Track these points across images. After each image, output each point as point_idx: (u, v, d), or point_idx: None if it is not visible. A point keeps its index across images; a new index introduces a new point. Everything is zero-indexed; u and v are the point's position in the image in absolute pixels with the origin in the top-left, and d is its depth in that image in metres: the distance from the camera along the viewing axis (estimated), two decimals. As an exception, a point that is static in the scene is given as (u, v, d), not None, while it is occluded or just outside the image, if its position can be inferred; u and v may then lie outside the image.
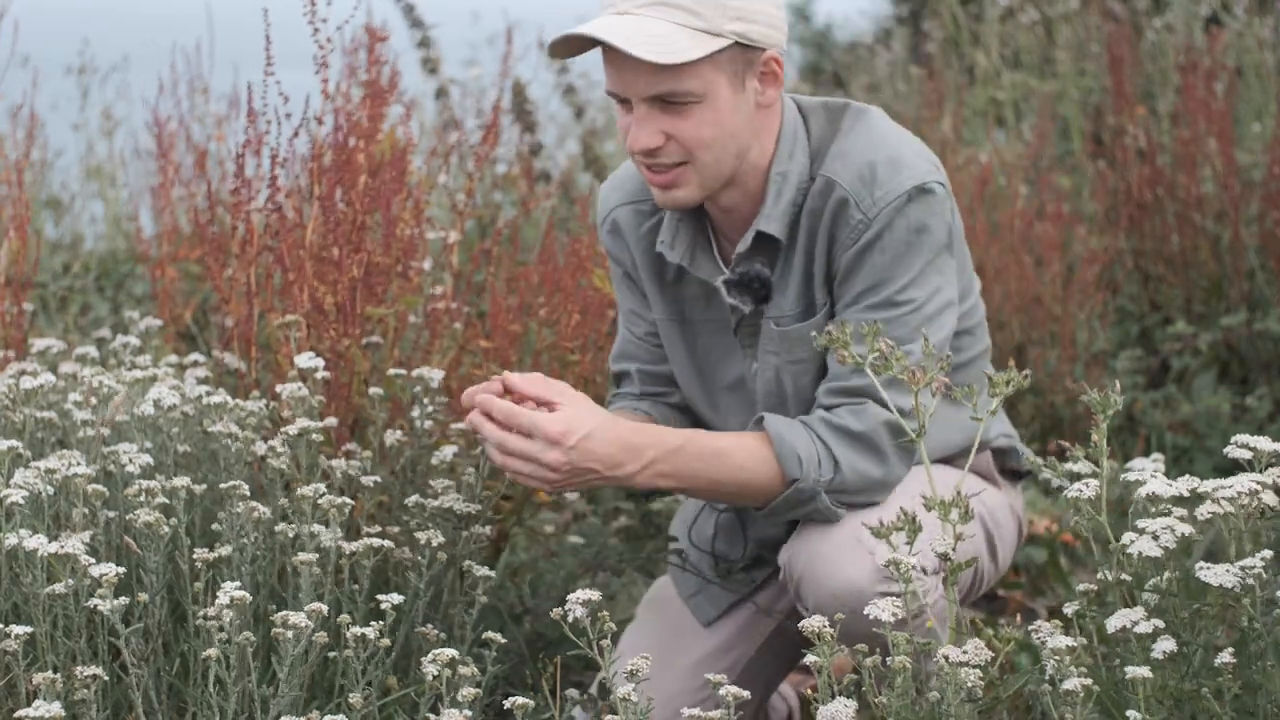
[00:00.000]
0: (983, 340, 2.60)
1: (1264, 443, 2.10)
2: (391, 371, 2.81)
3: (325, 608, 2.19)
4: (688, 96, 2.31)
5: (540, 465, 2.29)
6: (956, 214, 2.48)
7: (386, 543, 2.42)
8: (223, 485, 2.40)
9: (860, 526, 2.28)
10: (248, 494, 2.37)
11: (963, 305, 2.53)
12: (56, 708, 1.91)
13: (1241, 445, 2.11)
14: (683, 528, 2.78)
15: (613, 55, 2.31)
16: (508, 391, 2.35)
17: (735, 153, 2.38)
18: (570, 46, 2.35)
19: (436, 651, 2.10)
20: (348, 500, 2.43)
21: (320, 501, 2.41)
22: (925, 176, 2.39)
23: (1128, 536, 2.03)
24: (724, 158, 2.38)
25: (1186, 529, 2.02)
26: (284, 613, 2.15)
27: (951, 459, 2.56)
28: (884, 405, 2.32)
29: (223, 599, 2.14)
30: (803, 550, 2.39)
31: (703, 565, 2.72)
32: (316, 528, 2.40)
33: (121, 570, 2.16)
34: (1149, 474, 2.14)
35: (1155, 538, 2.01)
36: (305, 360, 2.64)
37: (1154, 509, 2.08)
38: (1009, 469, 2.67)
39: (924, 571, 2.27)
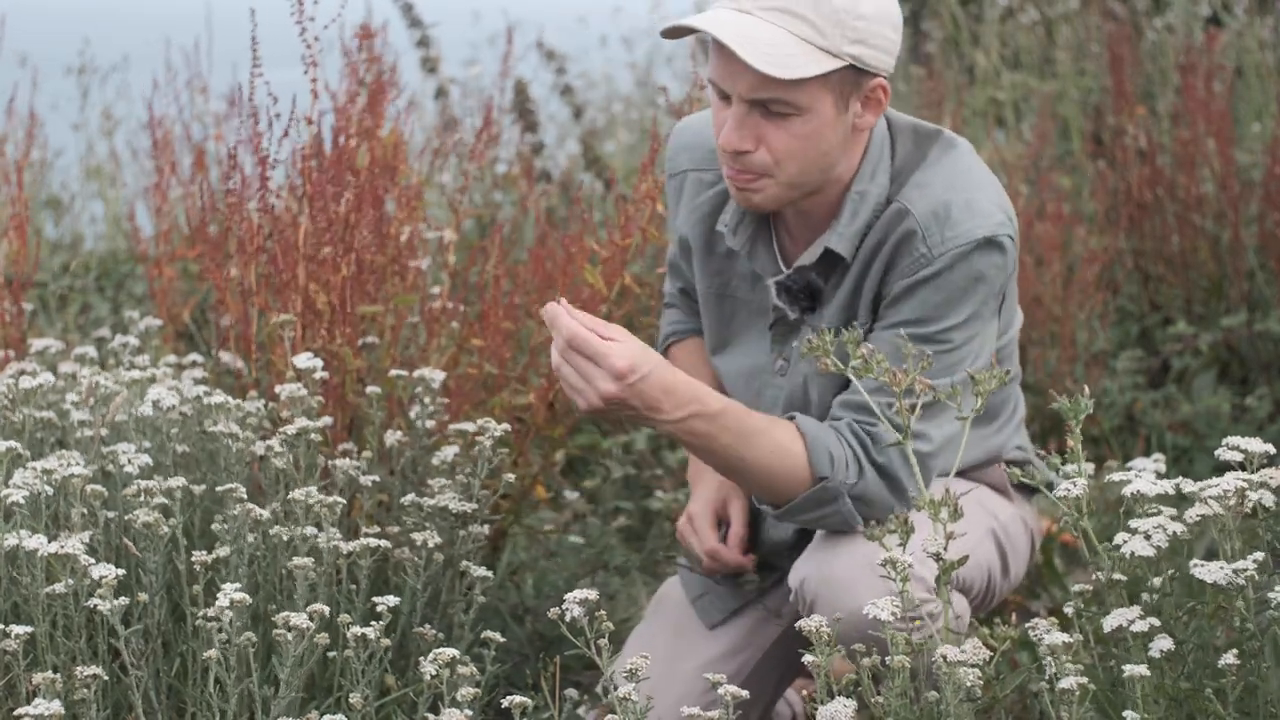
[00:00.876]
0: (1010, 364, 2.58)
1: (1255, 444, 2.10)
2: (393, 372, 2.82)
3: (326, 609, 2.20)
4: (790, 108, 2.29)
5: (592, 389, 2.25)
6: (1017, 262, 2.46)
7: (384, 543, 2.42)
8: (220, 488, 2.40)
9: (871, 551, 2.29)
10: (244, 496, 2.38)
11: (1001, 338, 2.52)
12: (56, 706, 1.92)
13: (1233, 447, 2.11)
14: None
15: (725, 50, 2.28)
16: None
17: (821, 169, 2.37)
18: (684, 31, 2.34)
19: (437, 651, 2.10)
20: (339, 500, 2.43)
21: (311, 504, 2.41)
22: (997, 229, 2.37)
23: (1120, 536, 2.04)
24: (809, 173, 2.36)
25: (1178, 528, 2.02)
26: (285, 614, 2.15)
27: (970, 474, 2.56)
28: (895, 427, 2.32)
29: (223, 601, 2.14)
30: (815, 574, 2.37)
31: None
32: (310, 530, 2.40)
33: (121, 572, 2.17)
34: (1134, 474, 2.14)
35: (1147, 537, 2.01)
36: (304, 360, 2.64)
37: (1140, 509, 2.08)
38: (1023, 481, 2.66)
39: (933, 593, 2.27)
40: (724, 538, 2.62)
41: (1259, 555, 1.97)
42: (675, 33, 2.35)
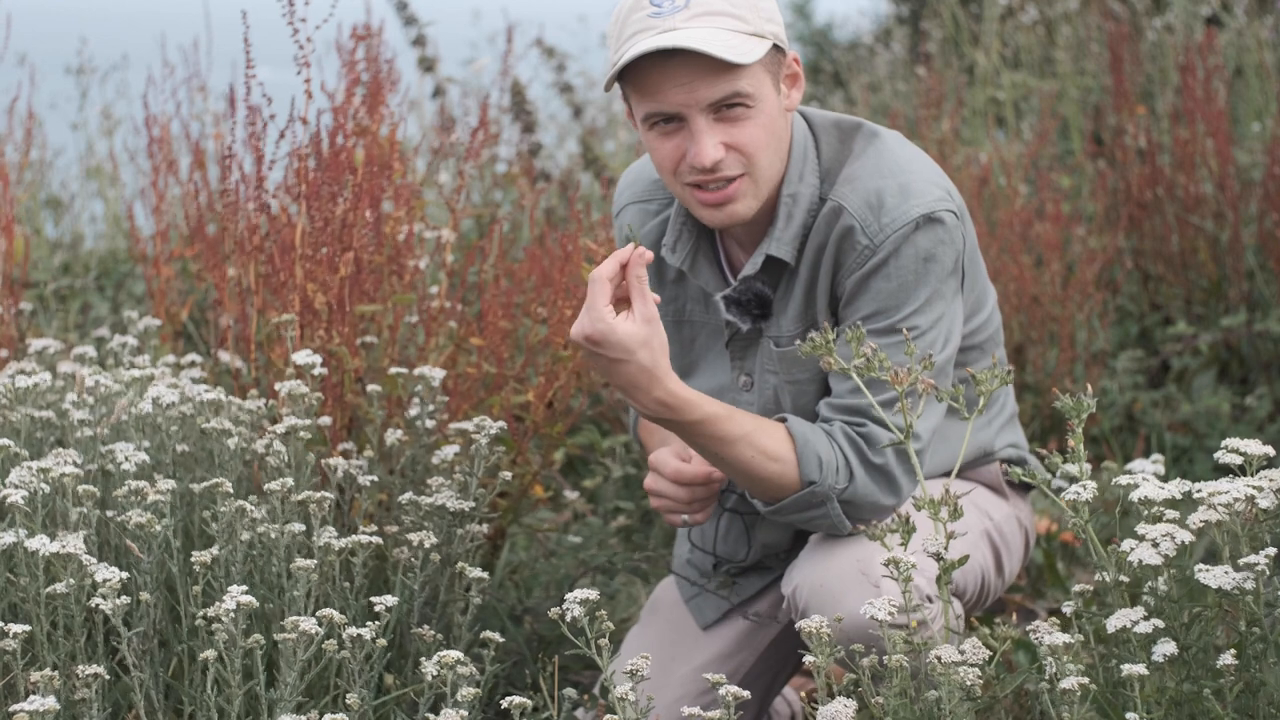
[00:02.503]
0: (993, 356, 2.58)
1: (1255, 446, 2.09)
2: (393, 370, 2.81)
3: (336, 614, 2.19)
4: (746, 100, 2.31)
5: (587, 343, 2.25)
6: (970, 236, 2.46)
7: (375, 539, 2.41)
8: (202, 485, 2.39)
9: (864, 560, 2.28)
10: (230, 490, 2.37)
11: (974, 321, 2.52)
12: (52, 702, 1.91)
13: (1232, 450, 2.11)
14: (684, 527, 2.77)
15: (669, 70, 2.29)
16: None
17: (781, 157, 2.38)
18: (616, 78, 2.34)
19: (442, 654, 2.10)
20: (327, 495, 2.43)
21: (295, 499, 2.41)
22: (934, 205, 2.37)
23: (1128, 543, 2.02)
24: (775, 163, 2.38)
25: (1187, 536, 2.01)
26: (294, 618, 2.15)
27: (962, 472, 2.55)
28: (883, 425, 2.31)
29: (229, 603, 2.13)
30: (806, 581, 2.37)
31: (704, 565, 2.71)
32: (298, 526, 2.39)
33: (125, 575, 2.16)
34: (1136, 476, 2.13)
35: (1155, 545, 2.00)
36: (303, 357, 2.64)
37: (1146, 512, 2.07)
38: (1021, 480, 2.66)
39: (929, 600, 2.27)
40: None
41: (1270, 551, 1.96)
42: (619, 79, 2.35)
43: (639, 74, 2.30)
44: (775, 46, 2.32)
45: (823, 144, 2.45)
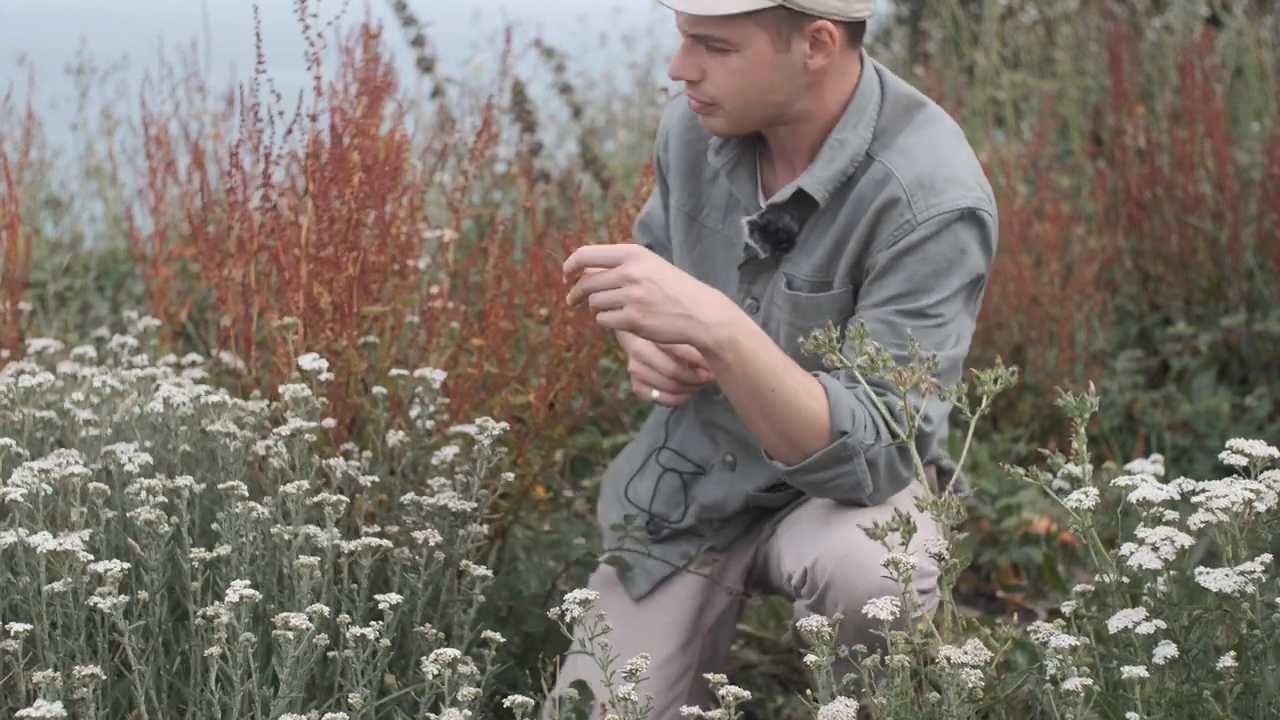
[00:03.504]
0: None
1: (1258, 447, 2.09)
2: (394, 372, 2.81)
3: (326, 609, 2.19)
4: (725, 44, 2.39)
5: (621, 291, 2.28)
6: (992, 255, 2.48)
7: (384, 542, 2.42)
8: (221, 486, 2.40)
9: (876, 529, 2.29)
10: (245, 494, 2.37)
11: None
12: (58, 708, 1.91)
13: (1236, 450, 2.10)
14: (615, 485, 2.75)
15: None
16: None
17: (770, 105, 2.43)
18: None
19: (438, 652, 2.10)
20: (343, 498, 2.43)
21: (309, 501, 2.41)
22: (980, 204, 2.41)
23: (1127, 547, 2.02)
24: (755, 107, 2.43)
25: (1186, 540, 2.01)
26: (285, 614, 2.15)
27: None
28: (895, 415, 2.32)
29: (231, 597, 2.13)
30: (828, 552, 2.36)
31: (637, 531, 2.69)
32: (312, 529, 2.40)
33: (126, 565, 2.16)
34: (1136, 477, 2.13)
35: (1155, 549, 2.00)
36: (309, 362, 2.64)
37: (1146, 514, 2.07)
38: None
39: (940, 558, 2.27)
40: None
41: (1266, 558, 1.96)
42: None
43: None
44: (784, 8, 2.36)
45: (887, 104, 2.49)
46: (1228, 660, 1.94)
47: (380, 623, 2.24)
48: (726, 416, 2.58)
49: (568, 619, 2.07)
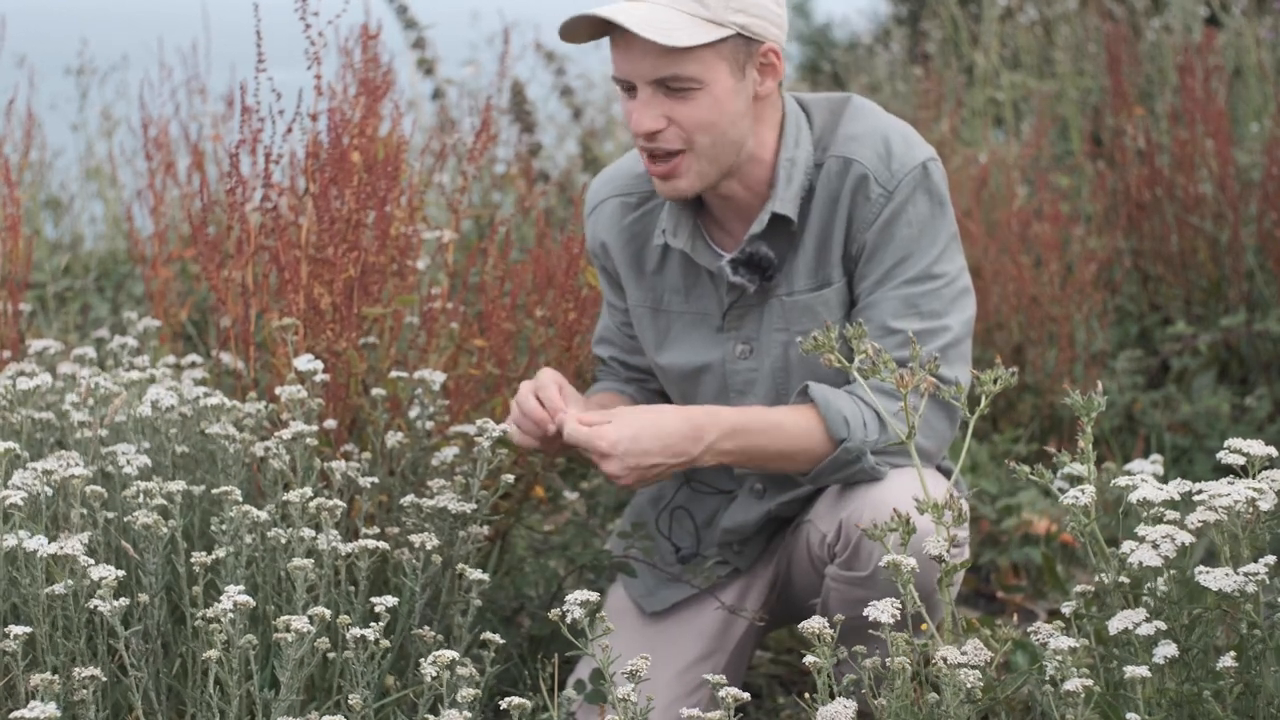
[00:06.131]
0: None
1: (1257, 447, 2.10)
2: (394, 374, 2.81)
3: (327, 612, 2.19)
4: (689, 82, 2.40)
5: (606, 473, 2.39)
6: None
7: (382, 544, 2.42)
8: (215, 491, 2.40)
9: (915, 489, 2.28)
10: (240, 499, 2.37)
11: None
12: (52, 709, 1.91)
13: (1235, 450, 2.11)
14: (650, 512, 2.78)
15: (620, 39, 2.41)
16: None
17: (734, 139, 2.45)
18: (581, 31, 2.43)
19: (437, 653, 2.10)
20: (340, 503, 2.43)
21: (309, 506, 2.41)
22: (931, 153, 2.50)
23: (1128, 545, 2.02)
24: (722, 144, 2.45)
25: (1187, 538, 2.01)
26: (286, 617, 2.15)
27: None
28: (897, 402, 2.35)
29: (225, 603, 2.14)
30: (866, 505, 2.41)
31: (663, 551, 2.73)
32: (309, 533, 2.39)
33: (121, 573, 2.16)
34: (1135, 478, 2.14)
35: (1155, 546, 2.00)
36: (304, 363, 2.63)
37: (1146, 514, 2.07)
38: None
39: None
40: None
41: (1269, 559, 1.96)
42: (574, 32, 2.43)
43: (612, 38, 2.43)
44: (741, 36, 2.40)
45: (815, 116, 2.55)
46: (1228, 660, 1.94)
47: (378, 624, 2.24)
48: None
49: (568, 620, 2.07)
